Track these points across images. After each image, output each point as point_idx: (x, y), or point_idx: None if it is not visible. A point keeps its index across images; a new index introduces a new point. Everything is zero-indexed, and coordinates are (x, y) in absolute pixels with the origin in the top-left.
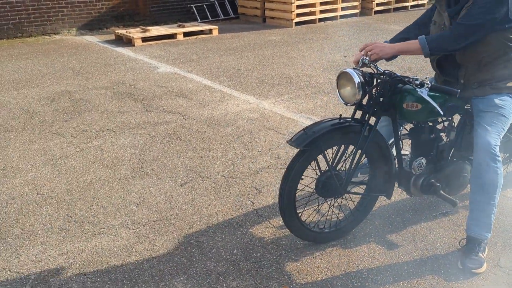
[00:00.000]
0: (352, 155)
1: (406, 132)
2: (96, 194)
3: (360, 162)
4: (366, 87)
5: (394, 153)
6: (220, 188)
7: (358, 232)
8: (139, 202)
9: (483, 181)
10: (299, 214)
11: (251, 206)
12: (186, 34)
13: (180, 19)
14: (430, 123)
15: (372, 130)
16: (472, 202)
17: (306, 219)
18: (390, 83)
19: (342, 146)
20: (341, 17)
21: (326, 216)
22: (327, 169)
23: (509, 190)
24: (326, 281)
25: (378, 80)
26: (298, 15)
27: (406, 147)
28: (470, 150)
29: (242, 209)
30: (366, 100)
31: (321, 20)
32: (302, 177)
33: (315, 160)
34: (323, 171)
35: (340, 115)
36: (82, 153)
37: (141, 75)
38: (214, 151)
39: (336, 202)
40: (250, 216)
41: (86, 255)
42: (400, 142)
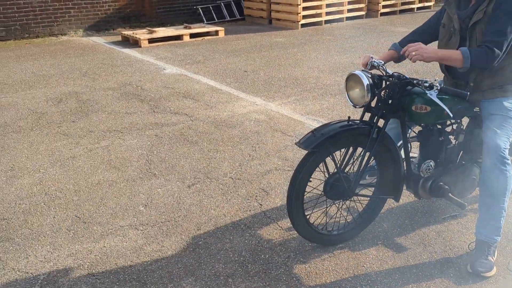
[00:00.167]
0: (360, 158)
1: (415, 134)
2: (104, 195)
3: (368, 164)
4: (375, 89)
5: (403, 155)
6: (227, 189)
7: (367, 234)
8: (147, 203)
9: (492, 184)
10: (308, 216)
11: (259, 207)
12: (192, 36)
13: (186, 21)
14: (439, 126)
15: (381, 132)
16: (481, 205)
17: (314, 221)
18: (399, 85)
19: (351, 148)
20: (347, 19)
21: (335, 218)
22: (335, 171)
23: None
24: (335, 283)
25: (387, 82)
26: (304, 17)
27: (414, 150)
28: (479, 152)
29: (250, 210)
30: (374, 102)
31: (327, 22)
32: (310, 179)
33: (324, 162)
34: (331, 173)
35: (348, 117)
36: (90, 153)
37: (147, 76)
38: (221, 153)
39: (344, 205)
40: (258, 218)
41: (94, 256)
42: (408, 144)
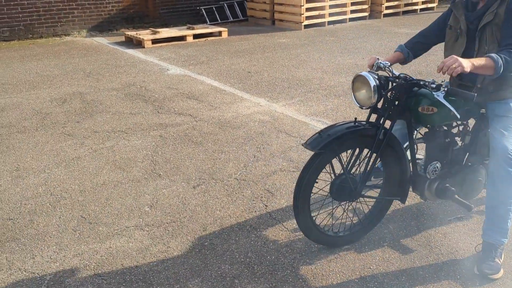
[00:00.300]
0: (367, 159)
1: (420, 136)
2: (109, 195)
3: (374, 165)
4: (382, 91)
5: (409, 157)
6: (232, 190)
7: (372, 236)
8: (152, 204)
9: (500, 186)
10: (314, 218)
11: (264, 209)
12: (195, 36)
13: (189, 21)
14: (445, 127)
15: (387, 133)
16: (488, 207)
17: (320, 223)
18: (405, 87)
19: (357, 150)
20: (350, 20)
21: (341, 219)
22: (342, 172)
23: None
24: (341, 285)
25: (393, 83)
26: (308, 18)
27: (419, 151)
28: (485, 154)
29: (255, 211)
30: (381, 103)
31: (330, 22)
32: (316, 180)
33: (330, 163)
34: (338, 175)
35: (355, 118)
36: (95, 154)
37: (151, 77)
38: (226, 153)
39: (350, 206)
40: (264, 219)
41: (100, 256)
42: (414, 146)
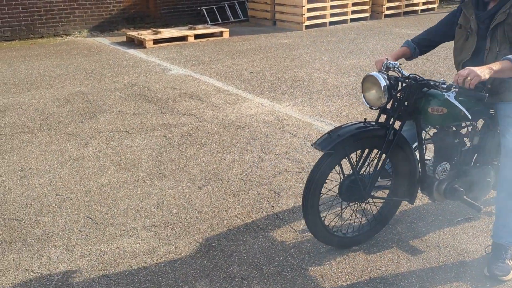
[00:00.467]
0: (376, 159)
1: (429, 137)
2: (115, 195)
3: (384, 166)
4: (392, 91)
5: (417, 157)
6: (239, 191)
7: (380, 237)
8: (159, 204)
9: (510, 186)
10: (323, 218)
11: (271, 209)
12: (197, 37)
13: (190, 22)
14: (454, 128)
15: (397, 134)
16: (498, 208)
17: (329, 224)
18: (415, 87)
19: (366, 150)
20: (351, 20)
21: (349, 220)
22: (351, 173)
23: None
24: (351, 286)
25: (403, 84)
26: (309, 18)
27: (426, 152)
28: (493, 155)
29: (262, 212)
30: (390, 104)
31: (331, 23)
32: (326, 180)
33: (339, 164)
34: (347, 175)
35: (365, 119)
36: (99, 154)
37: (154, 77)
38: (231, 154)
39: (359, 207)
40: (271, 219)
41: (108, 257)
42: (423, 146)
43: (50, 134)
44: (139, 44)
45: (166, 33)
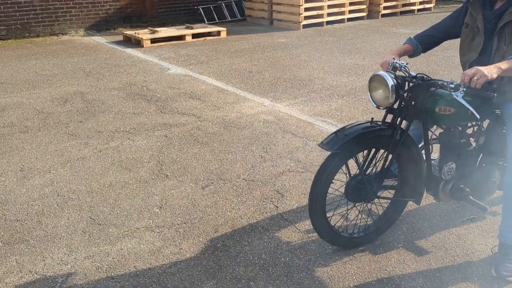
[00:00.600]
0: (383, 160)
1: (435, 137)
2: (117, 196)
3: (390, 166)
4: (399, 91)
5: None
6: (242, 191)
7: (386, 237)
8: (162, 205)
9: None
10: (329, 219)
11: (275, 210)
12: (194, 36)
13: (187, 21)
14: (460, 128)
15: (404, 134)
16: (505, 208)
17: (335, 224)
18: (423, 87)
19: (373, 150)
20: (348, 20)
21: (356, 221)
22: (357, 173)
23: None
24: (359, 287)
25: (410, 83)
26: (306, 18)
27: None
28: (499, 155)
29: (266, 213)
30: (396, 103)
31: (328, 22)
32: (332, 180)
33: (346, 164)
34: (353, 175)
35: (371, 119)
36: (100, 154)
37: (152, 76)
38: (233, 154)
39: (366, 207)
40: (275, 220)
41: (112, 258)
42: (430, 147)
43: (49, 134)
44: (136, 43)
45: (163, 32)
